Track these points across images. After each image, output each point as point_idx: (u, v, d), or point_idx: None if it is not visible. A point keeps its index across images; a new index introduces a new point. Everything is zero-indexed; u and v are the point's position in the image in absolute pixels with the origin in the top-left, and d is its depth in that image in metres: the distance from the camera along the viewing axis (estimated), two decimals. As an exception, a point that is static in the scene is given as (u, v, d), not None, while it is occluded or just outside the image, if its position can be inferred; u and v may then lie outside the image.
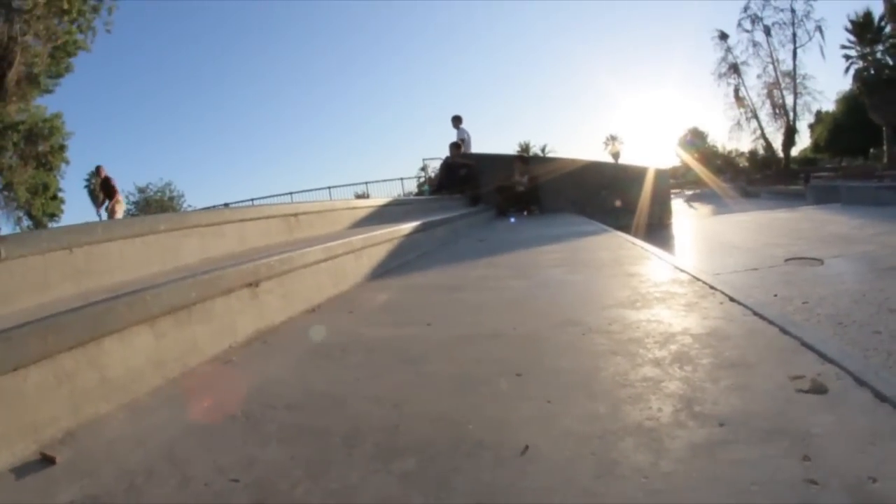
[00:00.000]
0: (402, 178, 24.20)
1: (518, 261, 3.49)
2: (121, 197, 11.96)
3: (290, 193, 23.51)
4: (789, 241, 6.96)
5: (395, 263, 3.69)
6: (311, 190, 24.12)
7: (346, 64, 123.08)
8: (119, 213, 11.79)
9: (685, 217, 14.18)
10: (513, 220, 8.27)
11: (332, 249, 2.83)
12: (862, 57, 38.79)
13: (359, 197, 27.57)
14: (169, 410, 1.33)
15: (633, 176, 10.32)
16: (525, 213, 9.09)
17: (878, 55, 38.15)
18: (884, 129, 35.65)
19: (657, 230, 9.08)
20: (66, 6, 19.15)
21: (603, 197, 9.60)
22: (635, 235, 8.06)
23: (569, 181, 9.66)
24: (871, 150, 39.34)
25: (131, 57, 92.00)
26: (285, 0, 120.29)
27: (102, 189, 11.82)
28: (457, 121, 11.28)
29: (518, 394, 1.22)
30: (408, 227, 4.17)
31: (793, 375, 1.19)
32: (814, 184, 17.88)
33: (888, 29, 38.12)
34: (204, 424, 1.23)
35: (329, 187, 24.05)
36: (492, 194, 9.33)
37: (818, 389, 1.14)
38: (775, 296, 4.23)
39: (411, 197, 14.12)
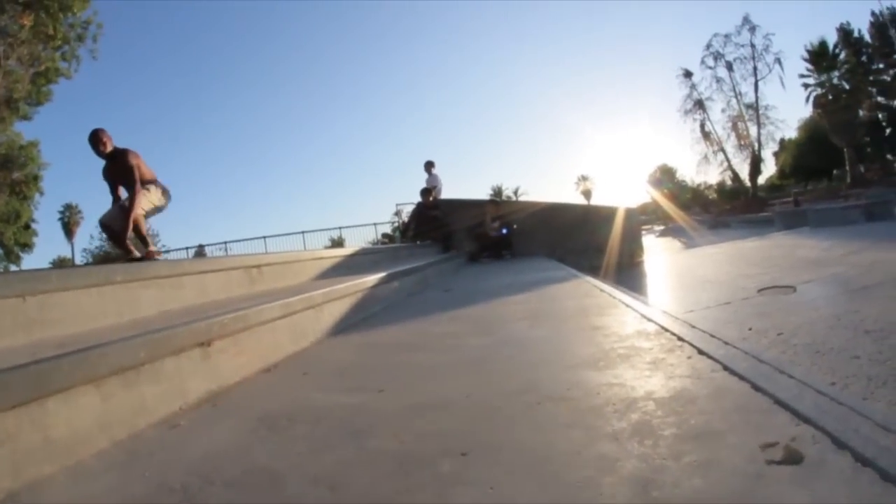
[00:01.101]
0: (375, 224, 24.24)
1: (482, 314, 3.37)
2: (159, 185, 5.85)
3: (264, 237, 23.35)
4: (761, 271, 6.96)
5: (359, 317, 3.56)
6: (285, 234, 23.96)
7: (321, 107, 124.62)
8: (147, 205, 5.70)
9: (660, 253, 14.24)
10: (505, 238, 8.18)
11: (290, 305, 2.73)
12: (820, 84, 40.56)
13: (333, 241, 27.48)
14: (112, 476, 1.28)
15: (603, 216, 10.38)
16: (495, 247, 9.00)
17: (835, 81, 39.86)
18: (845, 150, 37.07)
19: (629, 269, 9.06)
20: (51, 32, 19.00)
21: (574, 238, 9.58)
22: (607, 275, 8.10)
23: (540, 224, 9.64)
24: (835, 172, 40.66)
25: (109, 94, 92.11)
26: (264, 43, 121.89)
27: (112, 174, 5.64)
28: (429, 166, 11.29)
29: (460, 477, 1.09)
30: (373, 279, 4.05)
31: (764, 443, 1.07)
32: (780, 209, 18.24)
33: (843, 55, 39.93)
34: (144, 493, 1.17)
35: (303, 232, 23.96)
36: (463, 239, 9.25)
37: (792, 459, 1.02)
38: (750, 329, 4.16)
39: (381, 245, 13.99)
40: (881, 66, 40.17)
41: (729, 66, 41.92)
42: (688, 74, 44.22)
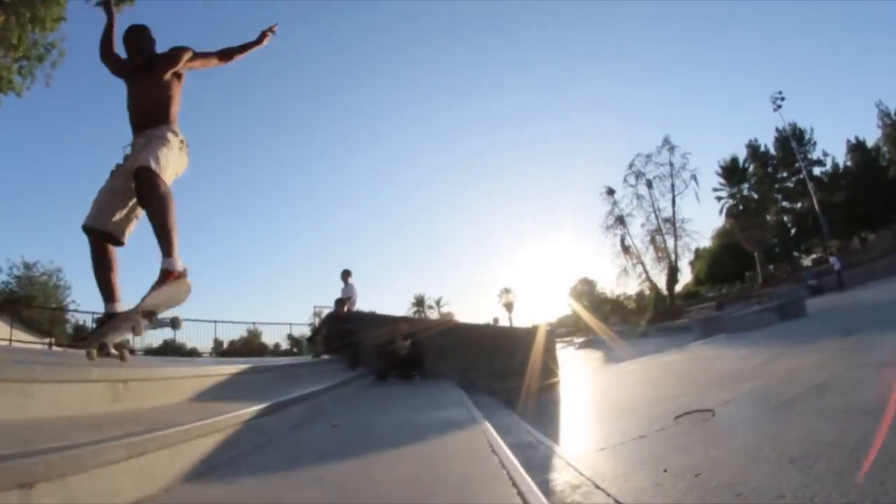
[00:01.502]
0: (290, 324, 23.47)
1: (352, 476, 2.84)
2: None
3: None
4: (678, 391, 6.89)
5: (225, 456, 3.01)
6: (195, 320, 22.86)
7: (239, 199, 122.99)
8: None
9: (579, 368, 14.17)
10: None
11: (138, 446, 2.22)
12: (731, 196, 44.98)
13: (250, 333, 26.23)
14: None
15: (519, 338, 10.36)
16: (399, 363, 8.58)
17: (745, 192, 44.10)
18: (755, 254, 40.18)
19: (546, 391, 8.93)
20: (15, 41, 17.79)
21: (489, 360, 9.44)
22: (526, 399, 7.80)
23: (454, 343, 9.39)
24: (747, 274, 43.83)
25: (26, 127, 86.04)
26: (200, 123, 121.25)
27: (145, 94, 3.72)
28: (346, 275, 11.02)
29: None
30: (250, 411, 3.52)
31: None
32: (697, 316, 18.81)
33: (751, 168, 44.45)
34: None
35: (216, 321, 22.95)
36: (373, 356, 8.78)
37: None
38: (665, 471, 3.86)
39: (273, 363, 13.08)
40: (784, 174, 45.19)
41: (649, 184, 45.67)
42: (611, 192, 47.74)
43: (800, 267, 39.18)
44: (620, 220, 46.88)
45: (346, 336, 8.93)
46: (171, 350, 21.54)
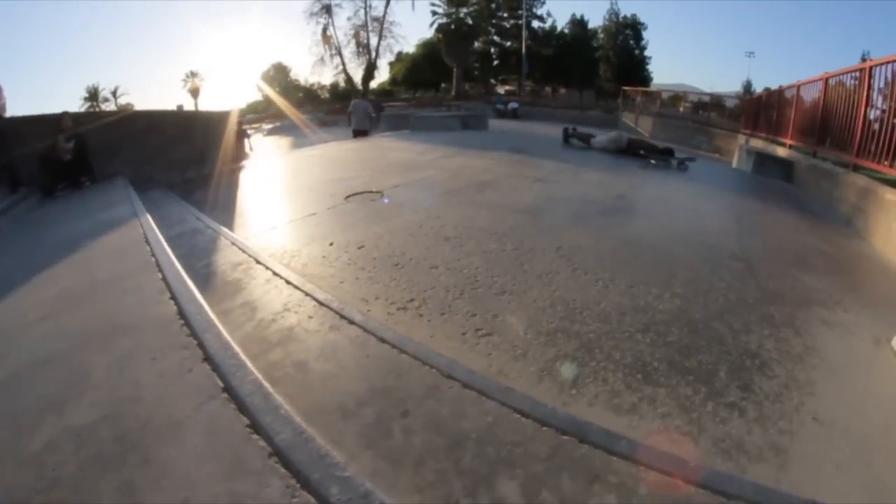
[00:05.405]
0: None
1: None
2: None
3: None
4: (354, 174, 7.00)
5: None
6: None
7: None
8: None
9: (265, 154, 13.49)
10: None
11: None
12: (447, 15, 45.79)
13: None
14: None
15: (201, 123, 9.31)
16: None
17: (462, 15, 45.65)
18: (454, 69, 43.10)
19: (228, 176, 8.26)
20: None
21: (168, 150, 8.11)
22: (205, 186, 7.04)
23: (126, 138, 7.64)
24: (443, 85, 46.79)
25: None
26: None
27: None
28: None
29: None
30: None
31: None
32: (388, 112, 19.29)
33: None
34: None
35: None
36: (35, 171, 6.61)
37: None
38: (331, 244, 3.96)
39: None
40: (505, 15, 48.12)
41: (367, -19, 43.44)
42: (324, -21, 44.16)
43: (493, 92, 43.38)
44: (327, 9, 44.38)
45: None
46: None
